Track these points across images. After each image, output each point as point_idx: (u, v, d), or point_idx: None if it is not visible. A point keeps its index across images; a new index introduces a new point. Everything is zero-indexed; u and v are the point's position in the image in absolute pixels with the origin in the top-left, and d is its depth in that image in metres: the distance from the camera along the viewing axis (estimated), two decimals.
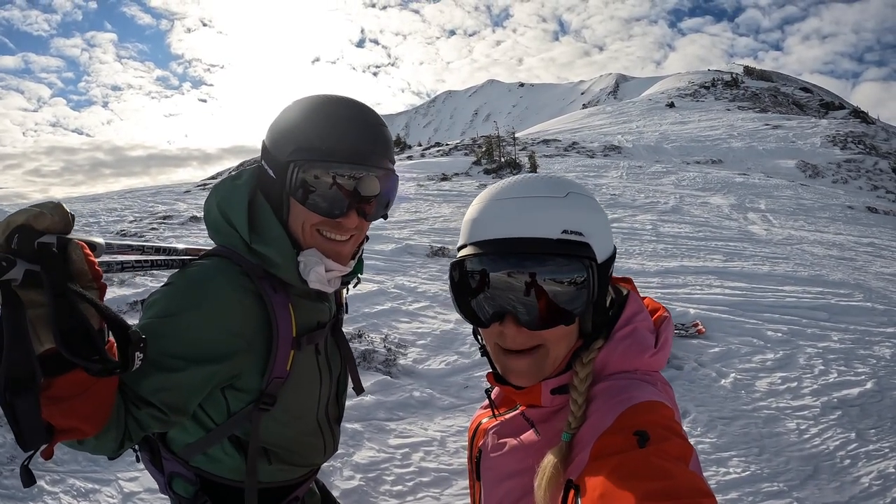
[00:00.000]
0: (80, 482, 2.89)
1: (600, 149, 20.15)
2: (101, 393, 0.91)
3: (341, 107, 1.20)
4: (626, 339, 0.93)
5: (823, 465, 3.38)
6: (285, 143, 1.18)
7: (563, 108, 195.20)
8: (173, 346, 1.07)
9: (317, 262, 1.21)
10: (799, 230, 10.28)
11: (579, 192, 0.94)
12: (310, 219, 1.20)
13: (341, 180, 1.17)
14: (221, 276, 1.16)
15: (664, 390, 0.91)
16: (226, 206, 1.23)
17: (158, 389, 1.05)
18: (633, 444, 0.74)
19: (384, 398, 3.84)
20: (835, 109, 32.03)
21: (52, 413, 0.84)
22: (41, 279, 0.80)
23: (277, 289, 1.21)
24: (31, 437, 0.81)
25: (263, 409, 1.22)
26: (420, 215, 9.76)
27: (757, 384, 4.36)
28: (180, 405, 1.10)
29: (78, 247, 0.86)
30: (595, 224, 0.93)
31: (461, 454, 3.30)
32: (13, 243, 0.80)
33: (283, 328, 1.19)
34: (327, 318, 1.37)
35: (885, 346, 5.07)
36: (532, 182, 0.95)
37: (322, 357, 1.35)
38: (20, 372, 0.78)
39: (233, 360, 1.14)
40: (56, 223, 0.85)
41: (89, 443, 0.98)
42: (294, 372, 1.24)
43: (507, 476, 0.97)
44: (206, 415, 1.23)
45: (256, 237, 1.20)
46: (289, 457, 1.33)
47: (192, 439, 1.25)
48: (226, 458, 1.26)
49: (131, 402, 1.03)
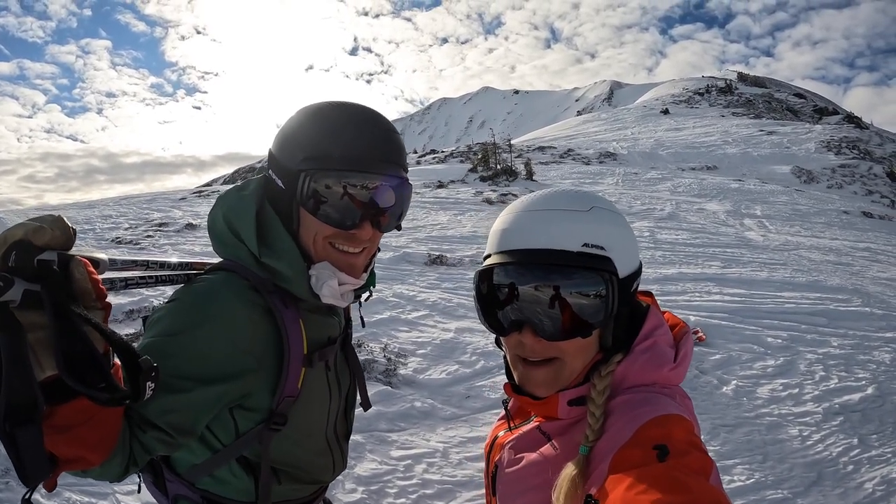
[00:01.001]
0: (77, 496, 2.85)
1: (596, 156, 20.21)
2: (108, 420, 0.86)
3: (352, 113, 1.15)
4: (645, 352, 0.93)
5: (827, 471, 3.37)
6: (295, 152, 1.13)
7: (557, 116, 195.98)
8: (180, 367, 1.02)
9: (330, 276, 1.15)
10: (795, 236, 10.32)
11: (604, 207, 0.96)
12: (322, 231, 1.15)
13: (354, 190, 1.12)
14: (229, 292, 1.10)
15: (683, 403, 0.91)
16: (233, 217, 1.18)
17: (165, 412, 1.00)
18: (653, 457, 0.73)
19: (385, 409, 3.80)
20: (829, 115, 32.27)
21: (55, 443, 0.78)
22: (41, 300, 0.74)
23: (288, 304, 1.15)
24: (34, 471, 0.75)
25: (274, 429, 1.17)
26: (417, 223, 9.74)
27: (758, 391, 4.35)
28: (188, 427, 1.05)
29: (81, 264, 0.80)
30: (618, 238, 0.93)
31: (465, 466, 3.27)
32: (10, 261, 0.74)
33: (294, 345, 1.14)
34: (337, 333, 1.33)
35: (884, 351, 5.09)
36: (559, 196, 0.96)
37: (332, 373, 1.30)
38: (21, 400, 0.72)
39: (242, 379, 1.09)
40: (57, 238, 0.79)
41: (94, 471, 0.93)
42: (305, 390, 1.19)
43: (523, 491, 0.96)
44: (213, 435, 1.17)
45: (266, 250, 1.15)
46: (298, 475, 1.28)
47: (198, 460, 1.19)
48: (234, 480, 1.21)
49: (136, 425, 0.98)
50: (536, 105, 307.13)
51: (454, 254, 7.80)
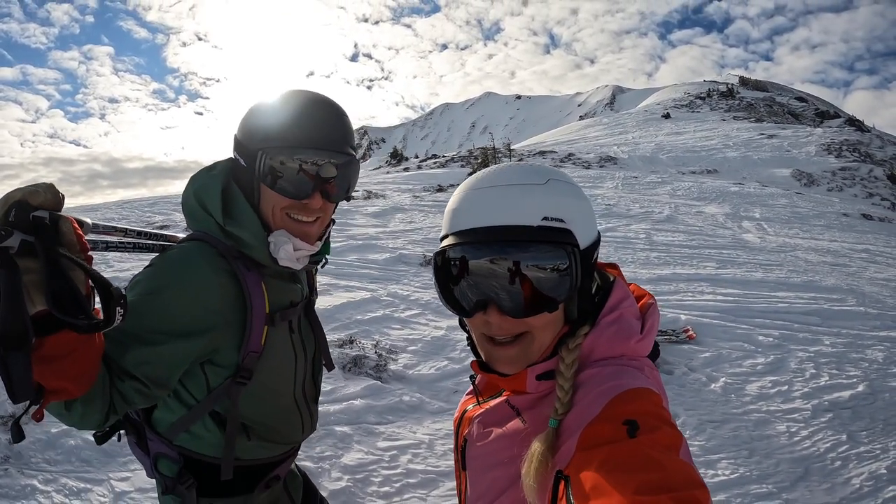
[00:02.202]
0: (73, 481, 2.91)
1: (596, 160, 20.23)
2: (88, 355, 0.99)
3: (304, 99, 1.30)
4: (612, 325, 0.93)
5: (814, 466, 3.38)
6: (254, 134, 1.29)
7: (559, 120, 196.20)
8: (155, 322, 1.16)
9: (285, 242, 1.30)
10: (793, 237, 10.31)
11: (559, 179, 0.95)
12: (279, 202, 1.29)
13: (305, 166, 1.27)
14: (199, 257, 1.24)
15: (651, 376, 0.91)
16: (202, 193, 1.32)
17: (141, 363, 1.13)
18: (623, 433, 0.73)
19: (374, 402, 3.83)
20: (830, 118, 32.24)
21: (42, 372, 0.90)
22: (35, 249, 0.88)
23: (251, 268, 1.29)
24: (22, 390, 0.87)
25: (240, 382, 1.29)
26: (414, 225, 9.78)
27: (747, 388, 4.36)
28: (162, 378, 1.18)
29: (68, 221, 0.94)
30: (576, 210, 0.92)
31: (449, 456, 3.29)
32: (10, 216, 0.88)
33: (256, 305, 1.27)
34: (299, 299, 1.46)
35: (877, 350, 5.08)
36: (512, 170, 0.95)
37: (296, 336, 1.43)
38: (14, 329, 0.85)
39: (211, 334, 1.23)
40: (49, 200, 0.93)
41: (76, 411, 1.05)
42: (268, 347, 1.32)
43: (493, 465, 0.96)
44: (188, 391, 1.30)
45: (230, 221, 1.29)
46: (267, 433, 1.39)
47: (175, 417, 1.32)
48: (207, 435, 1.33)
49: (116, 375, 1.11)
50: (539, 110, 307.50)
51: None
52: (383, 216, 10.31)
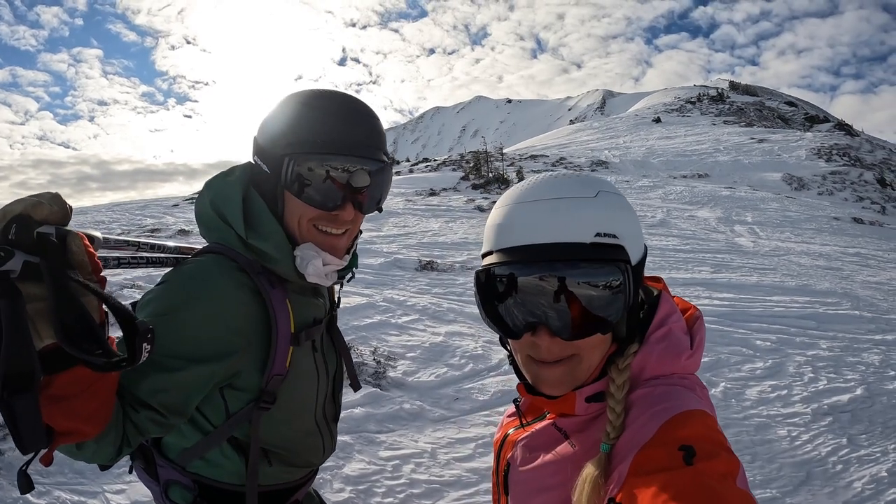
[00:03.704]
0: (66, 494, 2.83)
1: (587, 164, 20.33)
2: (102, 391, 0.88)
3: (333, 100, 1.19)
4: (661, 341, 0.88)
5: (816, 470, 3.38)
6: (278, 138, 1.17)
7: (550, 125, 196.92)
8: (172, 346, 1.04)
9: (314, 256, 1.19)
10: (786, 241, 10.39)
11: (609, 191, 0.89)
12: (306, 213, 1.19)
13: (335, 173, 1.16)
14: (218, 273, 1.14)
15: (703, 395, 0.87)
16: (220, 202, 1.21)
17: (157, 391, 1.03)
18: (679, 460, 0.69)
19: (374, 410, 3.79)
20: (819, 123, 32.60)
21: (52, 414, 0.80)
22: (40, 272, 0.76)
23: (275, 284, 1.19)
24: (31, 439, 0.76)
25: (263, 408, 1.19)
26: (409, 230, 9.77)
27: (747, 392, 4.36)
28: (179, 406, 1.07)
29: (78, 238, 0.81)
30: (628, 224, 0.87)
31: (452, 466, 3.26)
32: (11, 233, 0.76)
33: (281, 324, 1.17)
34: (322, 315, 1.35)
35: (873, 353, 5.11)
36: (560, 182, 0.88)
37: (319, 354, 1.33)
38: (19, 368, 0.73)
39: (233, 357, 1.12)
40: (55, 213, 0.80)
41: (88, 449, 0.95)
42: (293, 369, 1.21)
43: (539, 490, 0.92)
44: (204, 417, 1.19)
45: (252, 232, 1.18)
46: (289, 457, 1.30)
47: (188, 444, 1.21)
48: (225, 462, 1.23)
49: (129, 405, 1.00)
50: (529, 114, 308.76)
51: (445, 259, 7.82)
52: (376, 220, 10.29)
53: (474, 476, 3.18)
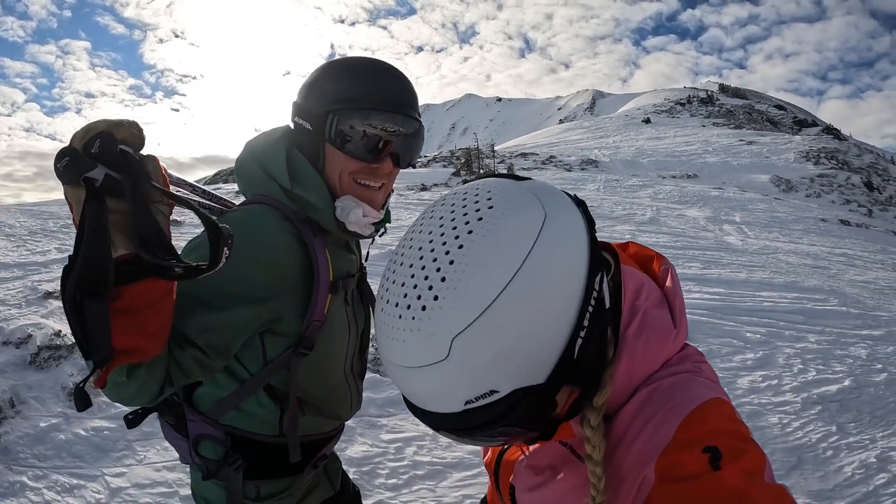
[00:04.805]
0: (65, 478, 2.83)
1: (578, 163, 20.46)
2: (167, 309, 0.90)
3: (372, 64, 1.26)
4: (639, 334, 0.75)
5: (807, 456, 3.46)
6: (322, 97, 1.23)
7: (540, 123, 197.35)
8: (220, 286, 1.08)
9: (354, 206, 1.25)
10: (774, 241, 10.53)
11: (467, 327, 0.59)
12: (347, 166, 1.24)
13: (376, 129, 1.22)
14: (265, 219, 1.19)
15: (710, 375, 0.79)
16: (264, 156, 1.27)
17: (205, 329, 1.07)
18: (706, 465, 0.65)
19: (374, 395, 3.82)
20: (808, 126, 33.01)
21: (117, 327, 0.80)
22: (120, 186, 0.79)
23: (316, 233, 1.24)
24: (98, 345, 0.78)
25: (302, 353, 1.23)
26: (401, 223, 9.76)
27: (738, 381, 4.45)
28: (224, 347, 1.11)
29: (155, 159, 0.85)
30: (512, 355, 0.61)
31: (454, 448, 3.30)
32: (94, 147, 0.78)
33: (322, 270, 1.22)
34: (355, 270, 1.41)
35: (860, 347, 5.23)
36: (403, 336, 0.62)
37: (350, 308, 1.37)
38: (95, 271, 0.76)
39: (277, 300, 1.17)
40: (134, 136, 0.83)
41: (138, 378, 0.96)
42: (329, 318, 1.26)
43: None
44: (241, 364, 1.22)
45: (296, 184, 1.23)
46: (320, 407, 1.33)
47: (224, 393, 1.24)
48: (261, 411, 1.25)
49: (175, 342, 1.03)
50: (519, 113, 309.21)
51: None
52: None
53: (476, 458, 3.22)
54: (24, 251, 5.98)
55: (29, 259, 5.68)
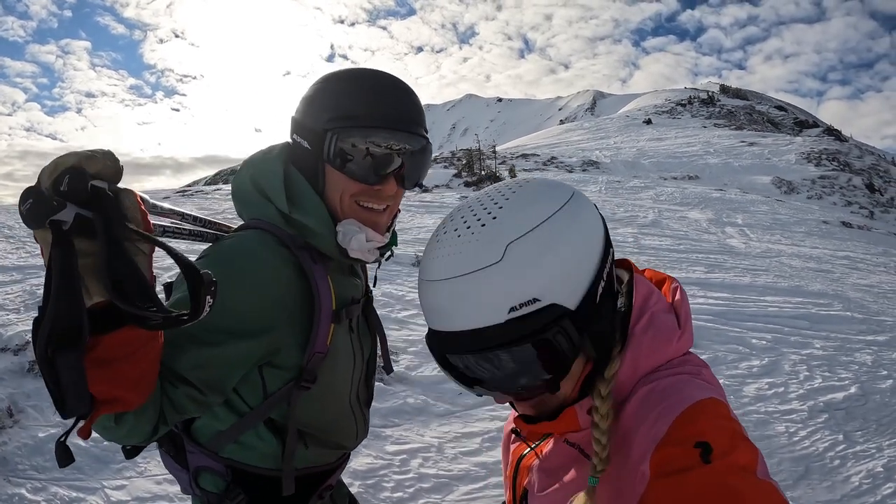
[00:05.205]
0: (64, 490, 2.78)
1: (579, 163, 20.44)
2: (148, 356, 0.84)
3: (374, 77, 1.18)
4: (647, 331, 0.82)
5: (814, 465, 3.44)
6: (320, 113, 1.15)
7: (540, 124, 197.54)
8: (212, 320, 0.97)
9: (357, 231, 1.17)
10: (776, 244, 10.52)
11: (520, 236, 0.73)
12: (348, 188, 1.16)
13: (378, 148, 1.14)
14: (260, 247, 1.11)
15: (709, 377, 0.83)
16: (260, 178, 1.19)
17: (197, 366, 1.00)
18: (697, 458, 0.67)
19: (378, 405, 3.78)
20: (809, 127, 33.00)
21: (95, 378, 0.74)
22: (92, 226, 0.72)
23: (316, 260, 1.16)
24: (74, 401, 0.71)
25: (304, 387, 1.16)
26: (403, 225, 9.75)
27: (745, 389, 4.43)
28: (219, 383, 1.05)
29: (132, 194, 0.78)
30: (553, 270, 0.73)
31: (460, 460, 3.27)
32: (63, 185, 0.70)
33: (324, 300, 1.14)
34: (360, 295, 1.33)
35: (865, 353, 5.21)
36: (459, 246, 0.75)
37: (355, 336, 1.30)
38: (67, 323, 0.69)
39: (274, 333, 1.10)
40: (108, 168, 0.75)
41: (126, 423, 0.91)
42: (332, 348, 1.19)
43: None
44: (240, 398, 1.17)
45: (294, 207, 1.15)
46: (324, 439, 1.28)
47: (223, 426, 1.18)
48: (260, 445, 1.20)
49: (167, 380, 0.98)
50: (519, 113, 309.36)
51: None
52: None
53: (483, 470, 3.19)
54: (24, 253, 5.94)
55: (28, 262, 5.64)
